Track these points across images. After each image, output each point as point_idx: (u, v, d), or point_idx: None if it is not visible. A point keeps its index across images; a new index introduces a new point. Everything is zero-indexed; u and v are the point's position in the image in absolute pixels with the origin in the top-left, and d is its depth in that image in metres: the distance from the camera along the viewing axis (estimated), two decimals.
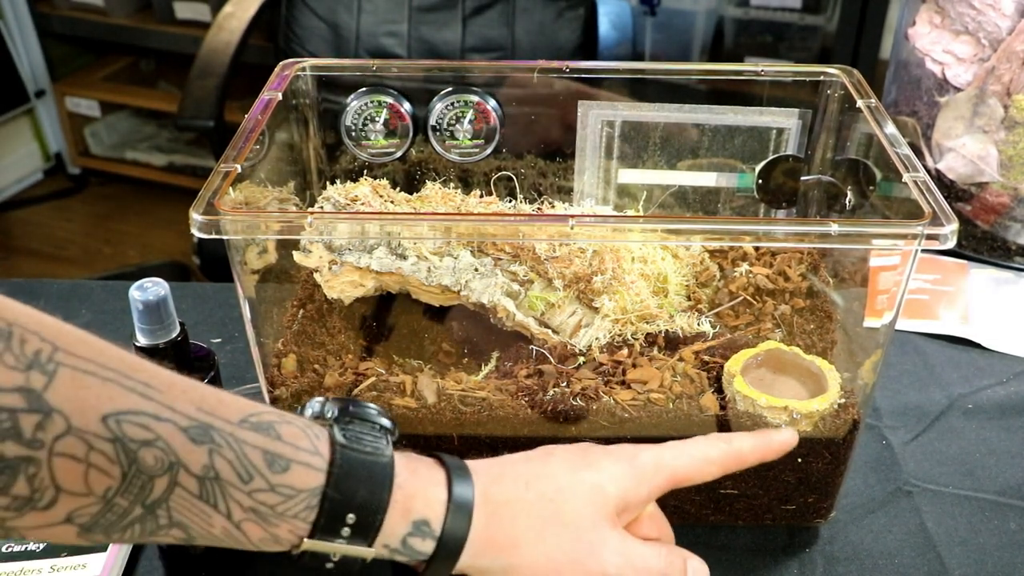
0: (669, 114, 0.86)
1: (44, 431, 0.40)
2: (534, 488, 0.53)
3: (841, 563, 0.73)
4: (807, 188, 0.87)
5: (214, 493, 0.44)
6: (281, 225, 0.60)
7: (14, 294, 0.42)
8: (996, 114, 1.01)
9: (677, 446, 0.59)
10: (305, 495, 0.46)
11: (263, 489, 0.45)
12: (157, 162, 2.95)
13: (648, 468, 0.57)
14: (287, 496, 0.46)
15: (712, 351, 0.74)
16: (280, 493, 0.46)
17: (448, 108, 0.88)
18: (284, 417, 0.48)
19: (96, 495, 0.42)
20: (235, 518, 0.45)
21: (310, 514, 0.47)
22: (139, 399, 0.43)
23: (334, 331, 0.76)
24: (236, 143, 0.69)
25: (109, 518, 0.43)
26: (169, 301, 0.61)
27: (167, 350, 0.62)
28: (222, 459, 0.44)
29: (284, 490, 0.46)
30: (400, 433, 0.68)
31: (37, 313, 0.42)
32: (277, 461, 0.46)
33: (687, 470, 0.58)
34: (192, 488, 0.44)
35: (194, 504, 0.44)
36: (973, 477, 0.81)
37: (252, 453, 0.45)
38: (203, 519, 0.45)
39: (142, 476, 0.43)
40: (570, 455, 0.57)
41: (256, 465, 0.45)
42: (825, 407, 0.68)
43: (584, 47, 1.75)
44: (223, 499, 0.45)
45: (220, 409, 0.46)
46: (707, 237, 0.68)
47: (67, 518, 0.42)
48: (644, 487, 0.56)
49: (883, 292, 0.69)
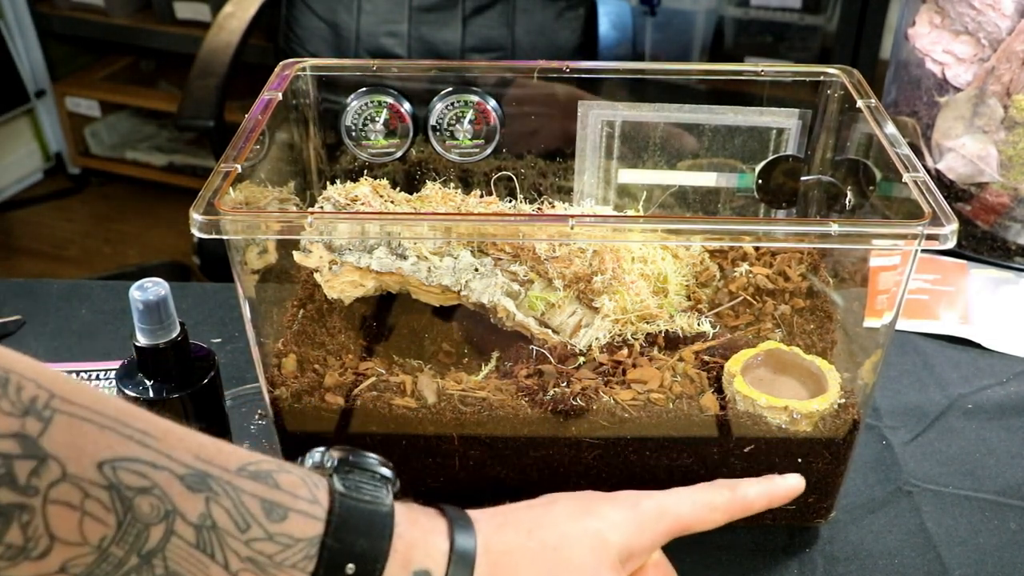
0: (669, 114, 0.86)
1: (39, 477, 0.40)
2: (536, 536, 0.53)
3: (841, 563, 0.73)
4: (807, 188, 0.87)
5: (211, 542, 0.44)
6: (281, 225, 0.60)
7: (14, 294, 0.42)
8: (996, 114, 1.01)
9: (681, 493, 0.59)
10: (304, 544, 0.46)
11: (261, 538, 0.45)
12: (157, 162, 2.95)
13: (651, 515, 0.56)
14: (285, 545, 0.45)
15: (712, 351, 0.74)
16: (278, 542, 0.45)
17: (448, 108, 0.88)
18: (283, 466, 0.47)
19: (91, 544, 0.41)
20: (232, 568, 0.44)
21: (309, 564, 0.46)
22: (136, 446, 0.42)
23: (334, 331, 0.76)
24: (236, 143, 0.69)
25: (104, 568, 0.42)
26: (169, 301, 0.61)
27: (167, 350, 0.62)
28: (219, 507, 0.44)
29: (282, 539, 0.45)
30: (400, 433, 0.68)
31: (34, 361, 0.42)
32: (275, 510, 0.45)
33: (690, 518, 0.58)
34: (189, 537, 0.43)
35: (191, 554, 0.43)
36: (973, 477, 0.81)
37: (250, 501, 0.45)
38: (200, 569, 0.44)
39: (138, 524, 0.42)
40: (573, 503, 0.56)
41: (254, 514, 0.45)
42: (825, 407, 0.68)
43: (584, 47, 1.75)
44: (220, 548, 0.44)
45: (218, 457, 0.45)
46: (707, 237, 0.68)
47: (61, 568, 0.41)
48: (647, 535, 0.56)
49: (883, 292, 0.69)
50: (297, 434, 0.71)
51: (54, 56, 2.85)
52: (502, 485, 0.72)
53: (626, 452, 0.70)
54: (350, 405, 0.70)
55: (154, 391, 0.62)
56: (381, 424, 0.70)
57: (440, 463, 0.71)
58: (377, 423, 0.70)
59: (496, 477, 0.72)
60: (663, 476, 0.71)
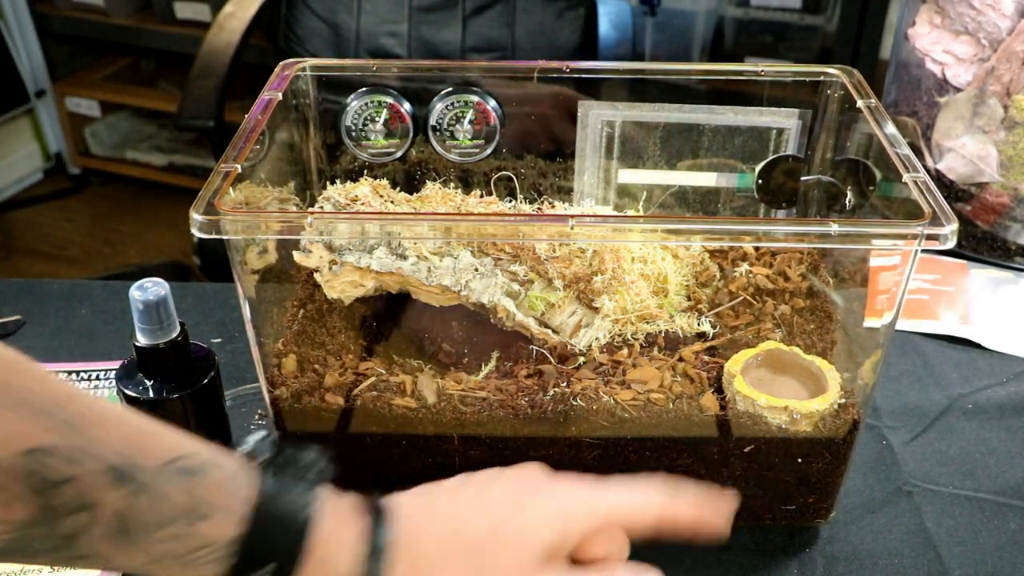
0: (669, 114, 0.86)
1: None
2: (461, 535, 0.53)
3: (841, 563, 0.73)
4: (807, 188, 0.87)
5: (132, 533, 0.45)
6: (281, 225, 0.60)
7: (14, 294, 0.42)
8: (996, 114, 1.01)
9: (622, 488, 0.58)
10: (223, 544, 0.46)
11: (180, 536, 0.45)
12: (157, 162, 2.95)
13: (582, 510, 0.56)
14: (204, 544, 0.46)
15: (712, 351, 0.74)
16: (196, 541, 0.46)
17: (448, 108, 0.88)
18: (216, 460, 0.48)
19: (14, 523, 0.43)
20: (154, 555, 0.46)
21: (225, 561, 0.47)
22: (63, 436, 0.43)
23: (334, 331, 0.76)
24: (236, 143, 0.69)
25: (25, 544, 0.44)
26: (169, 301, 0.61)
27: (167, 350, 0.62)
28: (140, 503, 0.44)
29: (199, 538, 0.46)
30: (400, 433, 0.68)
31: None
32: (198, 508, 0.46)
33: (621, 517, 0.57)
34: (110, 527, 0.44)
35: (113, 540, 0.45)
36: (973, 477, 0.81)
37: (173, 498, 0.45)
38: (122, 554, 0.45)
39: (60, 511, 0.43)
40: (508, 489, 0.56)
41: (174, 512, 0.45)
42: (825, 407, 0.68)
43: (584, 47, 1.75)
44: (142, 539, 0.45)
45: (151, 448, 0.46)
46: (707, 237, 0.68)
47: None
48: (576, 530, 0.55)
49: (883, 292, 0.69)
50: (297, 434, 0.71)
51: (54, 56, 2.85)
52: None
53: (626, 452, 0.70)
54: (350, 405, 0.70)
55: (154, 391, 0.62)
56: (381, 424, 0.70)
57: (440, 463, 0.71)
58: (377, 423, 0.70)
59: None
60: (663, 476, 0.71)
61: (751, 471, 0.71)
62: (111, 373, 0.90)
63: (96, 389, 0.88)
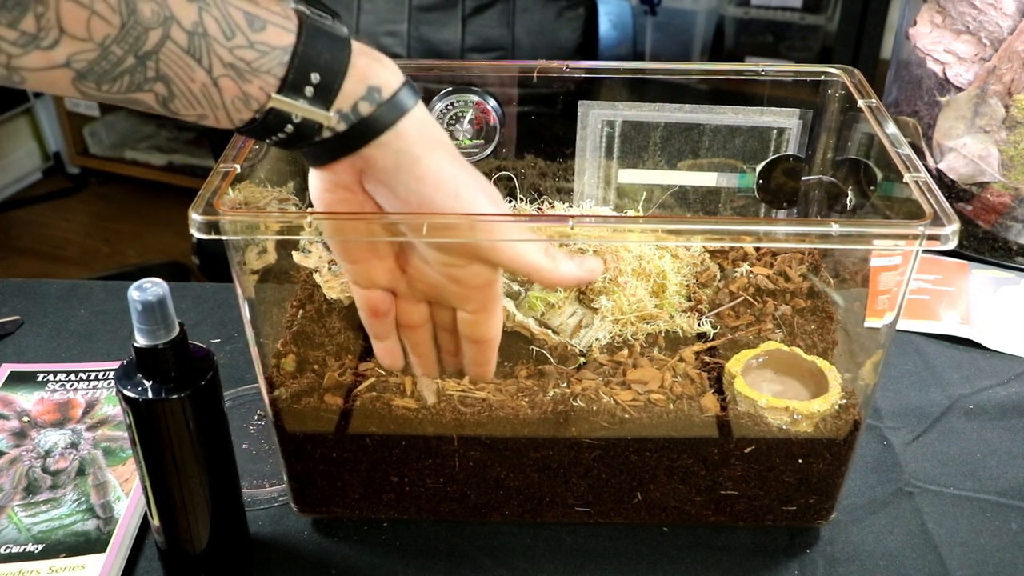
0: (669, 114, 0.86)
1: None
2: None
3: (842, 564, 0.73)
4: (808, 188, 0.87)
5: (200, 48, 0.48)
6: (281, 225, 0.60)
7: (13, 294, 0.42)
8: (997, 114, 1.01)
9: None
10: (279, 52, 0.50)
11: (243, 46, 0.49)
12: (156, 162, 2.95)
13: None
14: (263, 52, 0.50)
15: (713, 351, 0.74)
16: (257, 49, 0.50)
17: (448, 108, 0.88)
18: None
19: (95, 41, 0.46)
20: (215, 73, 0.49)
21: (281, 70, 0.50)
22: None
23: (334, 331, 0.76)
24: (236, 143, 0.69)
25: (103, 66, 0.47)
26: (168, 301, 0.61)
27: (166, 351, 0.61)
28: (210, 16, 0.48)
29: (261, 47, 0.50)
30: (400, 434, 0.68)
31: None
32: (256, 21, 0.50)
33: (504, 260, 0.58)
34: (181, 42, 0.48)
35: (181, 58, 0.48)
36: (974, 478, 0.81)
37: (235, 13, 0.49)
38: (186, 73, 0.49)
39: (138, 27, 0.46)
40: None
41: (239, 23, 0.49)
42: (826, 408, 0.68)
43: (584, 47, 1.75)
44: (207, 54, 0.49)
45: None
46: (707, 237, 0.68)
47: (66, 62, 0.46)
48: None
49: (884, 292, 0.69)
50: (297, 434, 0.71)
51: None
52: (502, 486, 0.72)
53: (626, 453, 0.70)
54: (349, 405, 0.70)
55: (153, 392, 0.62)
56: (381, 425, 0.70)
57: (440, 463, 0.71)
58: (377, 424, 0.70)
59: (496, 478, 0.72)
60: (663, 476, 0.71)
61: (752, 472, 0.71)
62: (110, 374, 0.89)
63: (95, 390, 0.87)
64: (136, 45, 0.47)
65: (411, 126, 0.54)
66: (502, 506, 0.74)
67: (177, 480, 0.65)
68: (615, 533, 0.75)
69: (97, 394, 0.87)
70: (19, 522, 0.74)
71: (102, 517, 0.74)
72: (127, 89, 0.48)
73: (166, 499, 0.66)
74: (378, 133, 0.53)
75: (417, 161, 0.54)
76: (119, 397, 0.63)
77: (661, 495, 0.72)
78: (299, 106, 0.51)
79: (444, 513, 0.75)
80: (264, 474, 0.80)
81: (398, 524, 0.76)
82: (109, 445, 0.81)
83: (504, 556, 0.73)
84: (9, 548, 0.72)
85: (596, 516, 0.74)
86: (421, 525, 0.76)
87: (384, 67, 0.54)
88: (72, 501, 0.76)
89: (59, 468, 0.79)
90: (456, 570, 0.73)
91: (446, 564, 0.73)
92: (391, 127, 0.53)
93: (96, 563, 0.71)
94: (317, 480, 0.73)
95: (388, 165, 0.54)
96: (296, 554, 0.74)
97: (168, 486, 0.65)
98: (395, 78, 0.53)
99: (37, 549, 0.72)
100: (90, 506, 0.75)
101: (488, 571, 0.72)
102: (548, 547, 0.74)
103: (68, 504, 0.76)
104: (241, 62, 0.49)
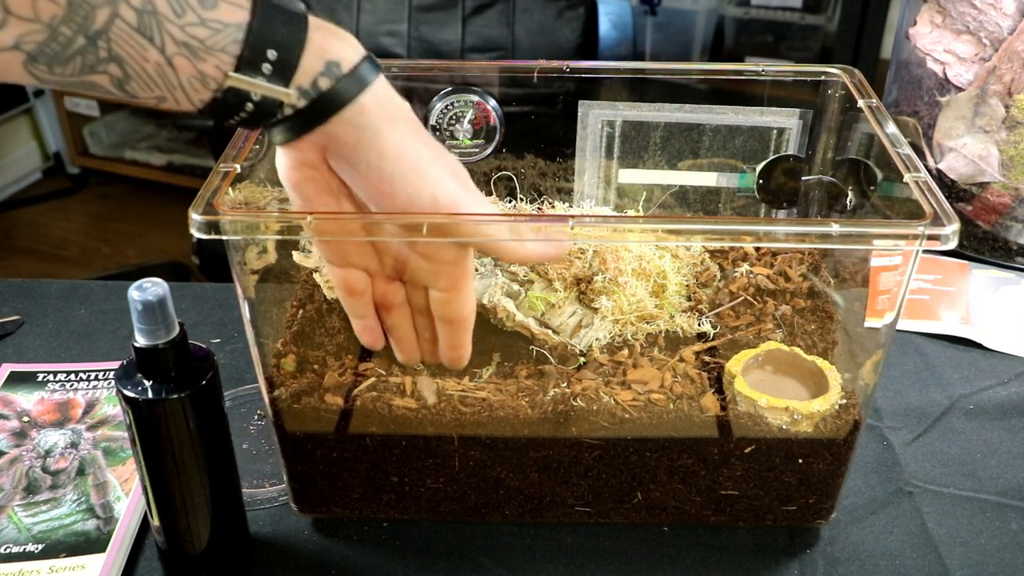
0: (669, 114, 0.86)
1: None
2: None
3: (842, 564, 0.73)
4: (808, 188, 0.87)
5: (151, 26, 0.48)
6: (281, 225, 0.60)
7: (13, 294, 0.42)
8: (997, 114, 1.01)
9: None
10: (232, 29, 0.49)
11: (195, 23, 0.48)
12: (156, 162, 2.95)
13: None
14: (216, 30, 0.49)
15: (713, 351, 0.74)
16: (210, 27, 0.49)
17: (448, 108, 0.88)
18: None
19: (43, 22, 0.46)
20: (168, 52, 0.49)
21: (236, 47, 0.50)
22: None
23: (334, 331, 0.76)
24: (236, 143, 0.69)
25: (54, 47, 0.47)
26: (168, 301, 0.61)
27: (166, 350, 0.61)
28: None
29: (214, 24, 0.49)
30: (400, 434, 0.68)
31: None
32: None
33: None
34: (131, 20, 0.47)
35: (132, 36, 0.48)
36: (974, 478, 0.81)
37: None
38: (139, 52, 0.48)
39: (86, 6, 0.46)
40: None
41: (189, 1, 0.48)
42: (826, 408, 0.68)
43: (584, 47, 1.75)
44: (158, 32, 0.48)
45: None
46: (707, 237, 0.68)
47: (15, 43, 0.46)
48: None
49: (884, 292, 0.69)
50: (297, 434, 0.71)
51: None
52: (502, 486, 0.72)
53: (627, 453, 0.70)
54: (349, 405, 0.70)
55: (153, 392, 0.62)
56: (381, 425, 0.70)
57: (440, 463, 0.71)
58: (377, 424, 0.70)
59: (496, 478, 0.72)
60: (663, 476, 0.71)
61: (752, 472, 0.71)
62: (110, 374, 0.89)
63: (95, 390, 0.87)
64: (85, 25, 0.46)
65: (372, 100, 0.53)
66: (502, 506, 0.74)
67: (177, 480, 0.65)
68: (615, 533, 0.75)
69: (97, 394, 0.87)
70: (19, 522, 0.74)
71: (102, 517, 0.74)
72: (80, 71, 0.48)
73: (166, 499, 0.66)
74: (339, 108, 0.52)
75: (377, 135, 0.54)
76: (119, 397, 0.63)
77: (661, 495, 0.72)
78: (257, 84, 0.50)
79: (444, 513, 0.75)
80: (264, 474, 0.80)
81: (398, 524, 0.76)
82: (109, 445, 0.81)
83: (504, 556, 0.73)
84: (9, 548, 0.72)
85: (596, 516, 0.74)
86: (421, 525, 0.76)
87: (343, 41, 0.53)
88: (72, 501, 0.76)
89: (59, 468, 0.79)
90: (456, 570, 0.73)
91: (446, 564, 0.73)
92: (351, 102, 0.52)
93: (96, 563, 0.71)
94: (317, 480, 0.73)
95: (350, 140, 0.54)
96: (296, 554, 0.74)
97: (168, 486, 0.65)
98: (355, 52, 0.53)
99: (37, 549, 0.72)
100: (90, 506, 0.75)
101: (488, 571, 0.72)
102: (548, 547, 0.74)
103: (68, 504, 0.76)
104: (194, 40, 0.49)
